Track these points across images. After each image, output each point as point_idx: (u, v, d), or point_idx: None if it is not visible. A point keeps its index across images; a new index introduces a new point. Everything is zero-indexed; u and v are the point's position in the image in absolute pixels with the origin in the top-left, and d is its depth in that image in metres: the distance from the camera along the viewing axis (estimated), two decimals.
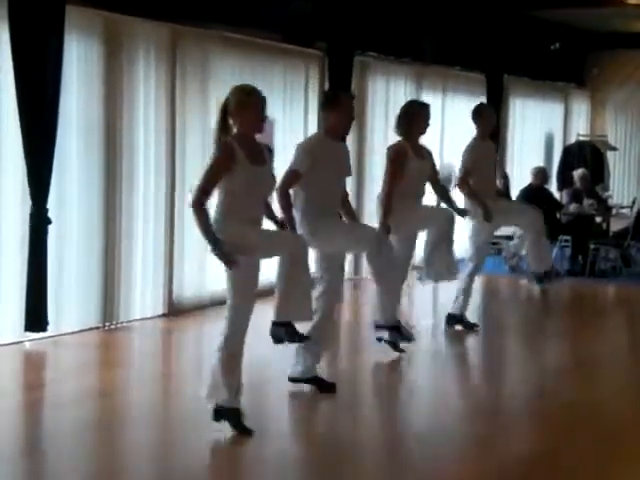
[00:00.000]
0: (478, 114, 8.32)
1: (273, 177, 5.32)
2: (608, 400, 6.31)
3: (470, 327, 8.19)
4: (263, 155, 5.21)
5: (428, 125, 7.27)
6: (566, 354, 7.83)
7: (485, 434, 5.57)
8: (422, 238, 7.53)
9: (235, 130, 5.11)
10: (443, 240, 7.31)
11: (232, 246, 4.99)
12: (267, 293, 5.82)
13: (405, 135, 7.16)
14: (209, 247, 5.01)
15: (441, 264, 7.34)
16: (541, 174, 12.23)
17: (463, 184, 8.06)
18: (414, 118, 7.13)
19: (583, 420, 5.80)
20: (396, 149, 7.16)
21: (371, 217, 10.19)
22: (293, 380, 6.17)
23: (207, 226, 5.00)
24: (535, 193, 11.81)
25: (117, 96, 7.88)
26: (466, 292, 8.17)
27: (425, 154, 7.33)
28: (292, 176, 5.98)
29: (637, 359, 7.83)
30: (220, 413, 5.22)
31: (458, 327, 8.20)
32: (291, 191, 6.02)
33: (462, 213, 7.75)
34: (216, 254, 4.99)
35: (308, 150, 6.04)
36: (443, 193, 7.76)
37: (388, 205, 6.97)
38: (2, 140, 7.06)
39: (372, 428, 5.72)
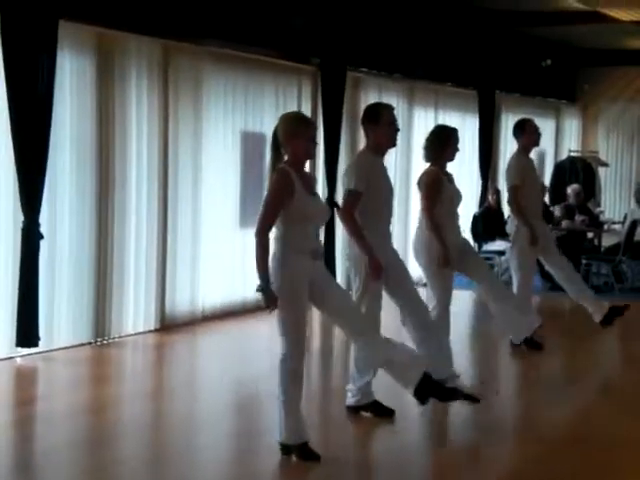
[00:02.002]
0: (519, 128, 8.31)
1: (327, 207, 5.16)
2: (601, 416, 6.30)
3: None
4: (313, 184, 5.14)
5: (457, 150, 6.95)
6: (556, 370, 7.82)
7: (478, 448, 5.56)
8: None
9: (286, 158, 5.00)
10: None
11: (284, 285, 4.86)
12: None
13: (436, 161, 6.76)
14: (257, 283, 4.85)
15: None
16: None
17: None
18: (448, 143, 6.80)
19: (575, 437, 5.79)
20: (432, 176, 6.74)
21: None
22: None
23: (263, 259, 4.84)
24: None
25: (109, 111, 7.88)
26: None
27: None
28: (354, 198, 5.73)
29: (630, 375, 7.82)
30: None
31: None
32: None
33: None
34: (260, 290, 4.84)
35: (363, 169, 5.80)
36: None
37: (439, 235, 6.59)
38: None
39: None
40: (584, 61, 15.51)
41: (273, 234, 4.96)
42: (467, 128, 13.19)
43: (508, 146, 14.51)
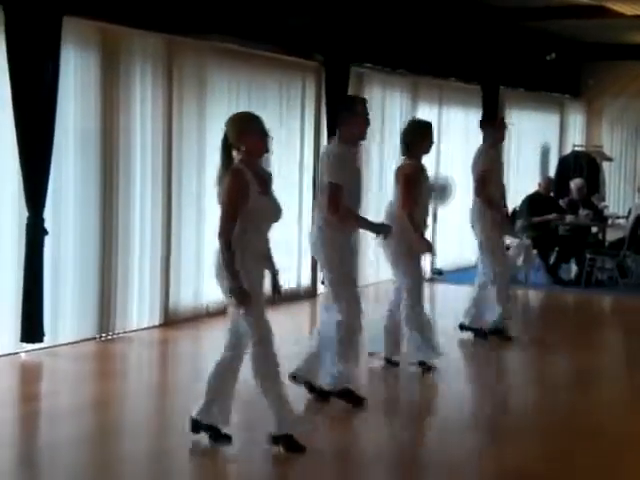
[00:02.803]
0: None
1: (280, 206, 5.15)
2: (607, 413, 6.30)
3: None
4: (268, 182, 5.14)
5: (433, 143, 7.05)
6: (563, 366, 7.82)
7: (482, 449, 5.57)
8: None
9: (240, 158, 5.02)
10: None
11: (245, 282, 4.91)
12: None
13: (414, 154, 6.90)
14: (227, 283, 4.91)
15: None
16: (549, 183, 12.37)
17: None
18: (425, 137, 6.92)
19: (581, 433, 5.79)
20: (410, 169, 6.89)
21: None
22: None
23: (232, 260, 4.89)
24: (542, 201, 11.89)
25: (114, 107, 7.88)
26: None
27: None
28: (338, 190, 5.83)
29: (635, 371, 7.82)
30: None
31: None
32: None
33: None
34: (232, 290, 4.90)
35: (341, 159, 5.90)
36: None
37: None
38: None
39: (374, 440, 5.71)
40: (588, 56, 15.48)
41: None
42: (471, 123, 13.18)
43: (512, 141, 14.51)
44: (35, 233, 7.09)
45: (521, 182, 14.32)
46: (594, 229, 12.60)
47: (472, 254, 12.73)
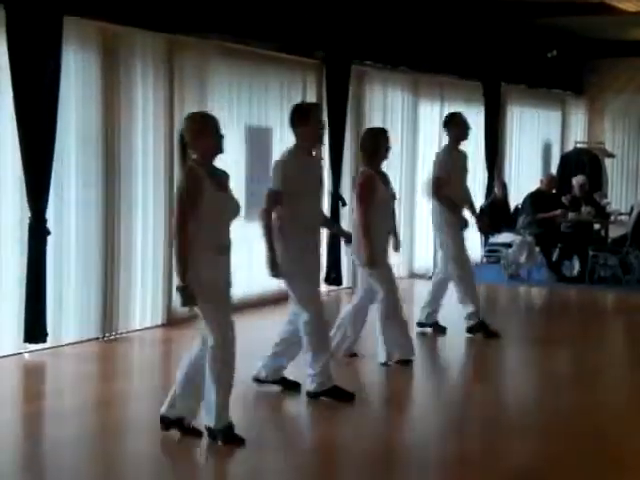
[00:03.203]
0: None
1: (238, 203, 5.30)
2: (609, 410, 6.29)
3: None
4: (224, 180, 5.24)
5: (389, 149, 7.20)
6: (566, 362, 7.82)
7: (483, 445, 5.56)
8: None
9: (195, 157, 5.10)
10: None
11: (197, 282, 4.99)
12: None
13: (370, 162, 7.07)
14: (177, 280, 5.02)
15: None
16: (552, 180, 12.35)
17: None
18: (379, 145, 7.09)
19: (583, 430, 5.79)
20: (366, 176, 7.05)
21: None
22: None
23: (185, 258, 4.98)
24: (545, 198, 11.89)
25: (115, 106, 7.88)
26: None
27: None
28: (274, 197, 5.97)
29: (639, 368, 7.81)
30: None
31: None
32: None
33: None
34: (178, 288, 5.00)
35: (285, 168, 6.01)
36: None
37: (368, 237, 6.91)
38: (0, 150, 7.06)
39: (368, 439, 5.71)
40: (590, 52, 15.46)
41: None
42: (472, 120, 13.15)
43: (514, 138, 14.51)
44: (37, 234, 7.09)
45: (523, 179, 14.32)
46: (596, 226, 12.59)
47: (474, 251, 12.77)
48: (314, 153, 6.32)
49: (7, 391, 6.51)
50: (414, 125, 12.03)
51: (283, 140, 9.88)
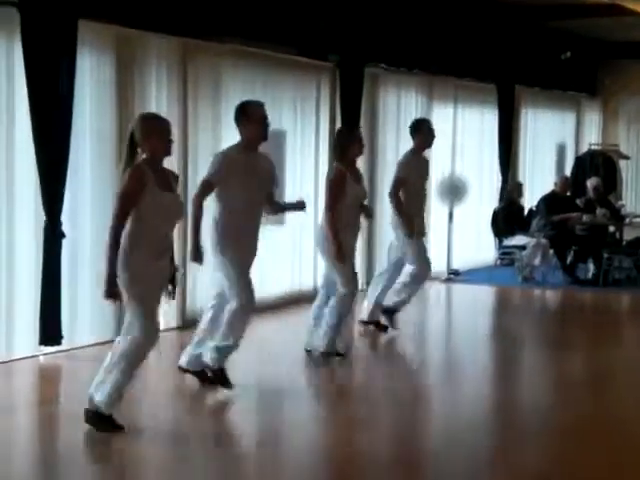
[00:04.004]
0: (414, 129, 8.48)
1: (181, 204, 5.45)
2: (624, 412, 6.27)
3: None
4: (170, 181, 5.34)
5: (363, 146, 7.48)
6: (581, 365, 7.79)
7: (499, 448, 5.55)
8: None
9: (144, 156, 5.24)
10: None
11: (129, 280, 5.13)
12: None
13: (341, 159, 7.30)
14: (104, 276, 5.14)
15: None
16: (566, 183, 12.32)
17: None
18: (351, 142, 7.32)
19: (599, 433, 5.76)
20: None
21: (384, 233, 10.19)
22: None
23: (114, 253, 5.12)
24: (559, 201, 11.87)
25: (129, 110, 7.90)
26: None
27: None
28: (206, 187, 6.19)
29: None
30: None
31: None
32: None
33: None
34: (104, 282, 5.12)
35: (222, 161, 6.22)
36: None
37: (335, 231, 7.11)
38: (16, 155, 7.09)
39: (381, 442, 5.70)
40: (604, 54, 15.41)
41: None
42: (486, 123, 13.16)
43: (528, 140, 14.48)
44: (52, 237, 7.12)
45: (537, 182, 14.29)
46: (611, 228, 12.54)
47: (488, 254, 12.75)
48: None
49: (22, 394, 6.54)
50: None
51: (296, 142, 9.92)
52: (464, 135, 12.68)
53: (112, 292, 5.13)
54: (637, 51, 14.98)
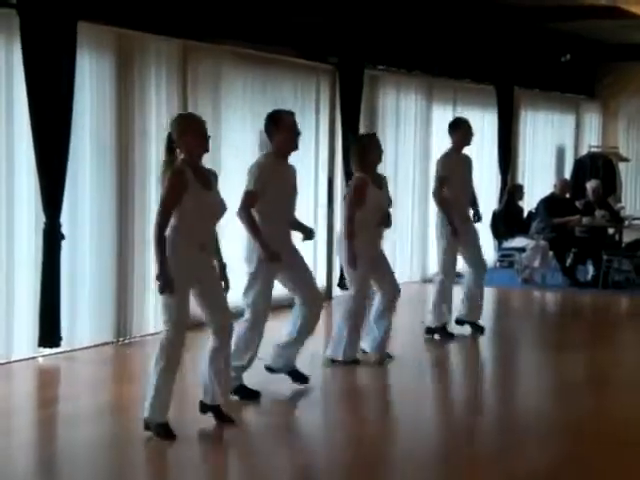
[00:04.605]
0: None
1: (222, 201, 5.47)
2: (622, 414, 6.26)
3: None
4: (210, 180, 5.40)
5: (381, 153, 7.38)
6: (580, 367, 7.79)
7: (497, 449, 5.54)
8: None
9: (182, 156, 5.32)
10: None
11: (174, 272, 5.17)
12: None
13: (361, 167, 7.22)
14: (156, 269, 5.21)
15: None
16: (566, 185, 12.31)
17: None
18: (369, 149, 7.26)
19: (597, 435, 5.76)
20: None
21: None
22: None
23: (162, 250, 5.17)
24: (559, 203, 11.87)
25: (129, 111, 7.91)
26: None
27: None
28: (250, 197, 6.16)
29: None
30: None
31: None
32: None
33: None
34: (158, 276, 5.17)
35: (260, 171, 6.22)
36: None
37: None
38: (15, 156, 7.09)
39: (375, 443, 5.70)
40: (603, 56, 15.42)
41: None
42: (486, 124, 13.16)
43: (527, 142, 14.48)
44: (52, 238, 7.12)
45: (536, 184, 14.29)
46: (610, 230, 12.54)
47: (488, 256, 12.73)
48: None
49: (21, 395, 6.53)
50: (427, 129, 12.02)
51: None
52: None
53: (167, 286, 5.14)
54: (636, 53, 14.99)
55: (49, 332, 7.16)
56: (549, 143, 15.21)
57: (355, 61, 10.27)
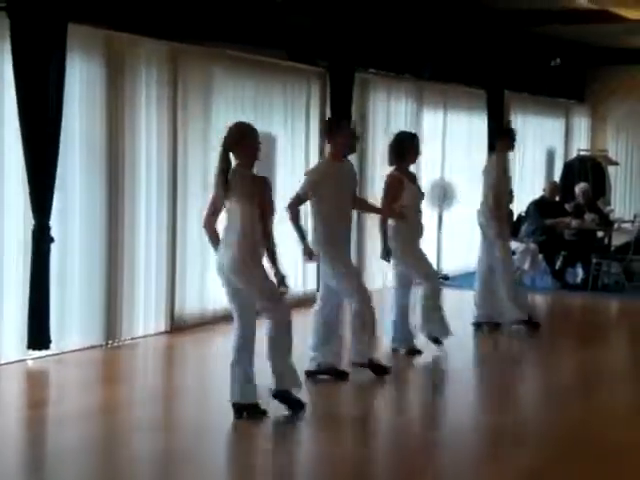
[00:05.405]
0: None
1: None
2: (612, 418, 6.28)
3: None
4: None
5: (419, 154, 7.82)
6: (570, 370, 7.81)
7: (486, 454, 5.56)
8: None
9: (237, 163, 5.74)
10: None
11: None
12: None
13: (398, 164, 7.62)
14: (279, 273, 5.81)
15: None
16: (555, 188, 12.36)
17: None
18: (409, 149, 7.65)
19: (584, 439, 5.77)
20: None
21: (370, 233, 10.23)
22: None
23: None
24: (548, 206, 11.90)
25: (119, 113, 7.90)
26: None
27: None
28: (296, 200, 6.76)
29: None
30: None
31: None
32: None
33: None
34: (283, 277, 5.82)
35: (316, 175, 6.79)
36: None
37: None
38: (4, 158, 7.08)
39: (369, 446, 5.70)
40: (593, 60, 15.47)
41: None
42: (476, 128, 13.18)
43: (517, 146, 14.45)
44: (41, 241, 7.10)
45: (526, 187, 14.31)
46: (600, 233, 12.59)
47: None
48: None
49: (10, 398, 6.51)
50: (417, 132, 12.01)
51: (286, 146, 9.92)
52: (453, 140, 12.70)
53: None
54: (625, 57, 15.05)
55: (38, 335, 7.14)
56: (539, 147, 15.25)
57: (345, 64, 10.29)
